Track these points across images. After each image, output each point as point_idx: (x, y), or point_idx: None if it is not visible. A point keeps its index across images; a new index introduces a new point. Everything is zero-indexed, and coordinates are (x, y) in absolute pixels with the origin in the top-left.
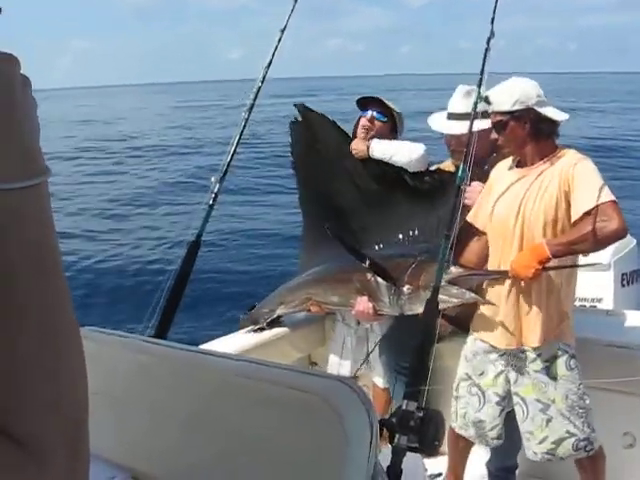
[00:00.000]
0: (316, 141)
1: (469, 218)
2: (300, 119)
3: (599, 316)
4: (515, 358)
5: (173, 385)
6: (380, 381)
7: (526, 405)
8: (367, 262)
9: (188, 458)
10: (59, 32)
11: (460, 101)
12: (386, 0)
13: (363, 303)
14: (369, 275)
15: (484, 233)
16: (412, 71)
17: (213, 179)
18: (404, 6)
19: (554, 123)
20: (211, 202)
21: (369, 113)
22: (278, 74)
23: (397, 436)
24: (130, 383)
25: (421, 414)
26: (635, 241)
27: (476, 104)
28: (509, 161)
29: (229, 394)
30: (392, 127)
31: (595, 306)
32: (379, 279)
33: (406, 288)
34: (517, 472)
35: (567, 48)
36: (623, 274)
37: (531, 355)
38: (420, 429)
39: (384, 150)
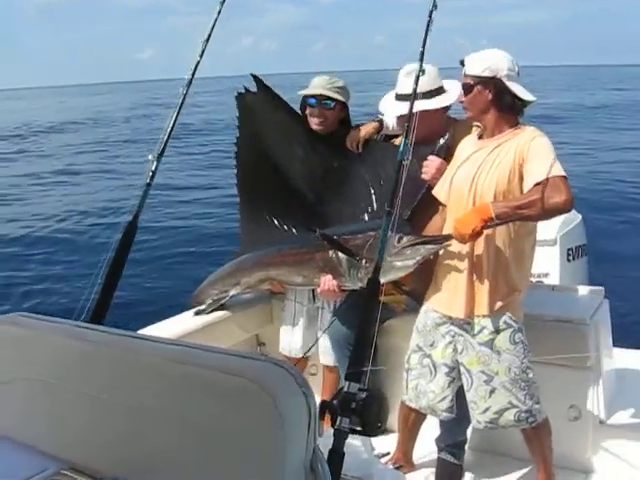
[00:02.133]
0: (267, 117)
1: (434, 192)
2: (251, 91)
3: (545, 291)
4: (461, 329)
5: (106, 371)
6: (330, 359)
7: (471, 376)
8: (328, 240)
9: (122, 445)
10: None
11: (403, 81)
12: None
13: (328, 282)
14: (331, 253)
15: (446, 206)
16: (328, 68)
17: (150, 157)
18: (316, 2)
19: (518, 100)
20: (148, 181)
21: (315, 104)
22: (197, 73)
23: (339, 419)
24: (62, 370)
25: (363, 395)
26: (580, 216)
27: (418, 77)
28: (473, 135)
29: (162, 380)
30: (342, 105)
31: (542, 281)
32: (340, 255)
33: (364, 262)
34: (466, 447)
35: (478, 43)
36: (569, 249)
37: (477, 327)
38: (362, 411)
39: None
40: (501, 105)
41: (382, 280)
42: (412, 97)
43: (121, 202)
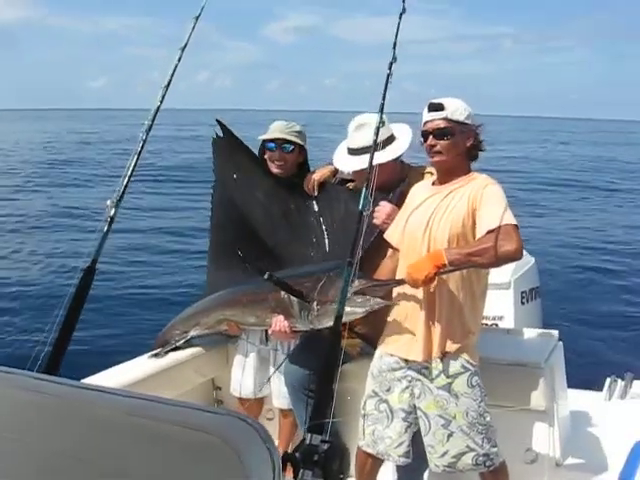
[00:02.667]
0: (232, 159)
1: (386, 236)
2: (221, 135)
3: (499, 335)
4: (419, 373)
5: (56, 425)
6: (284, 402)
7: (428, 420)
8: (276, 282)
9: None
10: None
11: (353, 135)
12: (253, 37)
13: (279, 322)
14: (283, 294)
15: (398, 250)
16: (282, 107)
17: (108, 202)
18: (273, 43)
19: (481, 150)
20: (106, 227)
21: (274, 149)
22: (147, 105)
23: (301, 471)
24: (9, 423)
25: (325, 447)
26: (533, 259)
27: (378, 128)
28: (427, 181)
29: (118, 434)
30: (300, 149)
31: (497, 324)
32: (292, 297)
33: (315, 304)
34: None
35: (427, 92)
36: (522, 292)
37: (435, 371)
38: (325, 463)
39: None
40: (472, 153)
41: (320, 325)
42: (372, 149)
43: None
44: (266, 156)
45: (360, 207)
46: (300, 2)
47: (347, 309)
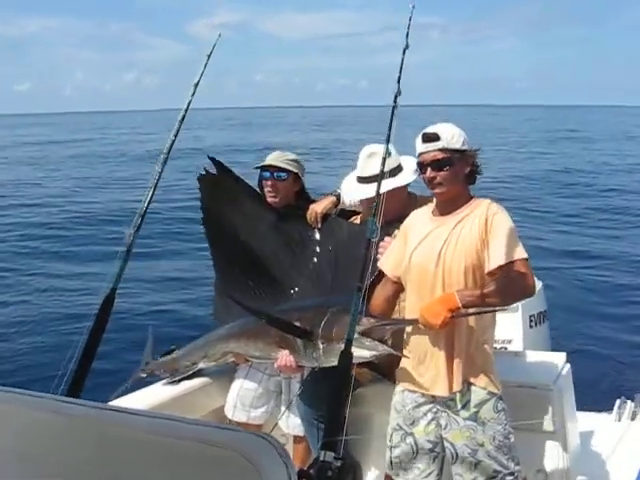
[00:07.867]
0: (228, 196)
1: (379, 264)
2: (211, 172)
3: (508, 357)
4: (445, 406)
5: (81, 445)
6: (299, 430)
7: (455, 450)
8: (272, 322)
9: None
10: None
11: (364, 165)
12: (179, 34)
13: (285, 357)
14: None
15: (391, 280)
16: (213, 105)
17: (127, 232)
18: (197, 39)
19: (478, 174)
20: (125, 255)
21: (269, 177)
22: (71, 108)
23: None
24: (35, 443)
25: (339, 464)
26: (541, 283)
27: (392, 120)
28: (424, 209)
29: (141, 452)
30: (295, 177)
31: (505, 347)
32: None
33: (320, 342)
34: None
35: (359, 84)
36: (531, 315)
37: (460, 403)
38: (338, 478)
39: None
40: (471, 178)
41: (327, 363)
42: (380, 174)
43: None
44: (263, 186)
45: (368, 235)
46: None
47: (356, 351)
